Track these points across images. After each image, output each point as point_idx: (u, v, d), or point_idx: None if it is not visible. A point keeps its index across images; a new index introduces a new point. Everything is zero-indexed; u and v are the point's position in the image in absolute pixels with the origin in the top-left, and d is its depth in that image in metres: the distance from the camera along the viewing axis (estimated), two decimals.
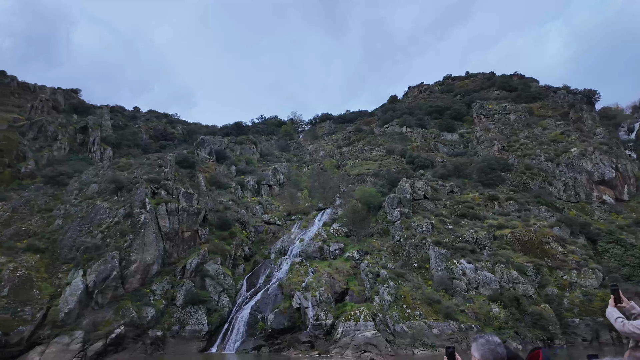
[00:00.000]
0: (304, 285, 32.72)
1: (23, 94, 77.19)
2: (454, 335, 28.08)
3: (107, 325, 28.46)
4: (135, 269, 31.92)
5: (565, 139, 65.17)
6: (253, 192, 56.21)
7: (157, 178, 39.36)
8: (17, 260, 30.80)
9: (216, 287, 34.35)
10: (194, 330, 31.13)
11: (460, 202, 47.26)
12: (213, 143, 64.31)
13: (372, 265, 35.51)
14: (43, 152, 65.49)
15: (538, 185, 55.93)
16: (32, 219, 36.35)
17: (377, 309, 30.37)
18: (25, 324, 26.93)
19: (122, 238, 32.99)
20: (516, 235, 40.49)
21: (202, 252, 35.91)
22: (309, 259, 37.62)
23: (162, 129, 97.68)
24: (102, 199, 37.28)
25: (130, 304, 30.26)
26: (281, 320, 30.56)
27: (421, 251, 36.77)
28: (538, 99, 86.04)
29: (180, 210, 37.12)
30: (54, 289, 29.97)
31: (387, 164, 65.56)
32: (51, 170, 43.45)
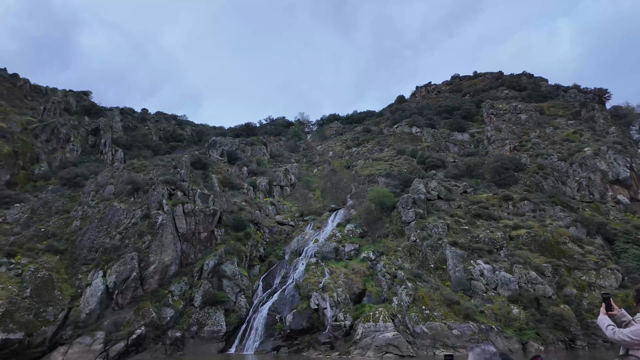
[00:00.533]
0: (321, 286, 32.69)
1: (36, 97, 77.98)
2: (474, 337, 27.92)
3: (127, 326, 28.63)
4: (153, 270, 32.08)
5: (578, 138, 64.62)
6: (265, 193, 56.31)
7: (173, 179, 39.55)
8: (38, 262, 31.07)
9: (233, 287, 34.43)
10: (213, 331, 31.22)
11: (475, 202, 47.00)
12: (224, 144, 64.54)
13: (388, 266, 35.41)
14: (56, 154, 66.18)
15: (551, 185, 55.48)
16: (50, 221, 36.67)
17: (395, 309, 30.27)
18: (47, 324, 27.16)
19: (141, 239, 33.16)
20: (532, 236, 40.17)
21: (219, 253, 36.02)
22: (325, 259, 37.58)
23: (171, 131, 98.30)
24: (119, 200, 37.51)
25: (150, 305, 30.42)
26: (299, 321, 30.54)
27: (437, 252, 36.62)
28: (548, 98, 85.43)
29: (197, 211, 37.27)
30: (74, 290, 30.20)
31: (397, 164, 65.41)
32: (67, 172, 43.82)
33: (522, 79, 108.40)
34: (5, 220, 36.02)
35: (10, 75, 75.81)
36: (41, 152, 64.77)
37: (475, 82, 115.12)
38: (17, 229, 35.12)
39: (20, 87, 75.53)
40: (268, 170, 61.87)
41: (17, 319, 26.17)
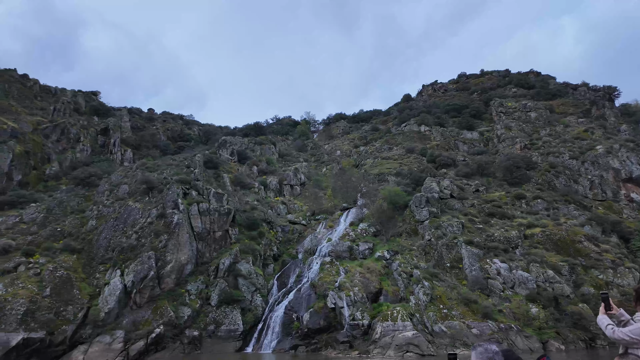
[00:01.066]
0: (337, 285, 32.65)
1: (45, 97, 78.38)
2: (494, 335, 27.77)
3: (146, 325, 28.70)
4: (170, 269, 32.14)
5: (589, 136, 64.14)
6: (275, 192, 56.31)
7: (187, 179, 39.61)
8: (56, 261, 31.20)
9: (249, 286, 34.44)
10: (230, 330, 31.24)
11: (488, 201, 46.79)
12: (234, 144, 64.59)
13: (404, 265, 35.31)
14: (66, 154, 66.49)
15: (563, 183, 55.12)
16: (66, 220, 36.83)
17: (413, 309, 30.18)
18: (67, 323, 27.27)
19: (157, 238, 33.23)
20: (547, 234, 39.93)
21: (234, 252, 36.04)
22: (339, 258, 37.52)
23: (179, 130, 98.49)
24: (134, 199, 37.61)
25: (168, 304, 30.48)
26: (317, 320, 30.51)
27: (453, 251, 36.46)
28: (558, 96, 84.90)
29: (212, 210, 37.31)
30: (92, 289, 30.31)
31: (407, 163, 65.22)
32: (81, 172, 44.00)
33: (530, 77, 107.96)
34: (21, 219, 36.22)
35: (21, 75, 76.25)
36: (52, 152, 65.09)
37: (483, 81, 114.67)
38: (33, 228, 35.30)
39: (30, 87, 75.96)
40: (278, 169, 61.88)
41: (38, 318, 26.31)
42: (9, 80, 70.76)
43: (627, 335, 4.02)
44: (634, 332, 3.98)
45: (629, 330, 4.04)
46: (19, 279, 28.67)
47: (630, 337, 4.00)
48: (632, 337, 3.99)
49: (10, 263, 30.25)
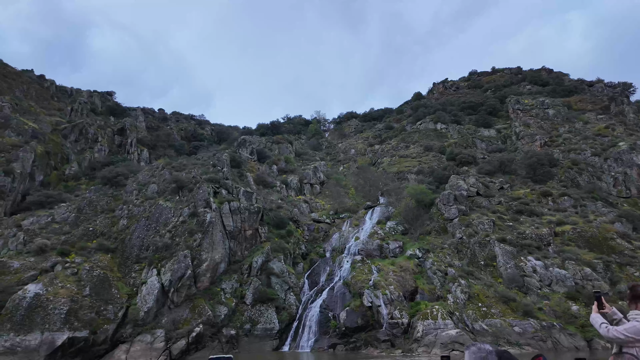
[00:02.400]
0: (371, 283, 32.43)
1: (62, 98, 78.69)
2: (537, 334, 27.48)
3: (186, 324, 28.63)
4: (206, 268, 32.06)
5: (611, 132, 63.55)
6: (296, 191, 56.16)
7: (216, 177, 39.52)
8: (92, 260, 31.17)
9: (282, 285, 34.31)
10: (266, 329, 31.12)
11: (514, 198, 46.41)
12: (253, 143, 64.49)
13: (437, 263, 35.05)
14: (85, 154, 66.66)
15: (587, 180, 54.59)
16: (97, 220, 36.83)
17: (452, 307, 29.92)
18: (108, 322, 27.24)
19: (191, 237, 33.15)
20: (578, 232, 39.53)
21: (266, 251, 35.92)
22: (369, 257, 37.34)
23: (192, 130, 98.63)
24: (164, 199, 37.55)
25: (205, 303, 30.39)
26: (354, 319, 30.33)
27: (486, 249, 36.15)
28: (574, 92, 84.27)
29: (242, 208, 37.20)
30: (129, 288, 30.28)
31: (426, 161, 64.91)
32: (108, 172, 44.03)
33: (542, 74, 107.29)
34: (53, 219, 36.26)
35: (38, 76, 76.58)
36: (70, 153, 65.28)
37: (495, 78, 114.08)
38: (66, 228, 35.32)
39: (47, 88, 76.25)
40: (297, 168, 61.74)
41: (81, 317, 26.27)
42: (27, 81, 71.04)
43: (623, 334, 4.01)
44: (630, 331, 3.96)
45: (624, 329, 4.02)
46: (58, 279, 28.66)
47: (625, 335, 3.98)
48: (628, 336, 3.97)
49: (47, 262, 30.26)
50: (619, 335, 4.07)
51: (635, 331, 3.95)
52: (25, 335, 24.63)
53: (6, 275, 28.48)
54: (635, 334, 3.95)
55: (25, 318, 25.34)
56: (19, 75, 70.31)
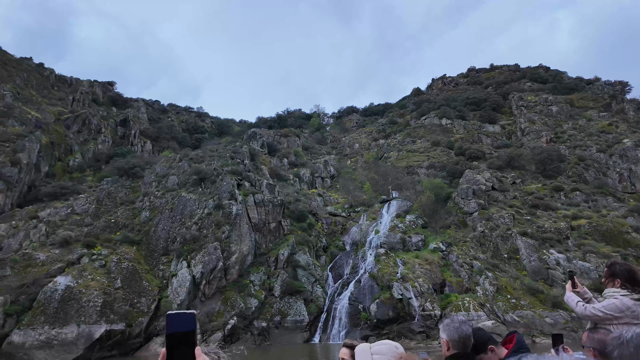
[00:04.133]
0: (399, 276, 32.59)
1: (62, 87, 76.60)
2: (568, 325, 28.05)
3: (219, 317, 28.37)
4: (235, 260, 31.77)
5: (614, 129, 64.86)
6: (308, 185, 55.97)
7: (238, 170, 39.09)
8: (118, 252, 30.58)
9: (309, 277, 34.23)
10: (296, 321, 31.04)
11: (528, 193, 47.12)
12: (264, 136, 63.91)
13: (462, 256, 35.40)
14: (88, 145, 65.28)
15: (593, 176, 55.73)
16: (117, 211, 36.09)
17: (482, 299, 30.29)
18: (142, 315, 26.80)
19: (219, 229, 32.75)
20: (594, 226, 40.35)
21: (291, 243, 35.76)
22: (392, 250, 37.47)
23: (192, 123, 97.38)
24: (187, 190, 36.97)
25: (236, 295, 30.14)
26: (385, 311, 30.48)
27: (508, 242, 36.67)
28: (575, 90, 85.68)
29: (266, 201, 36.89)
30: (159, 281, 29.82)
31: (435, 155, 65.32)
32: (125, 163, 43.09)
33: (540, 72, 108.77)
34: (73, 210, 35.40)
35: (37, 65, 74.33)
36: (74, 144, 63.82)
37: (493, 75, 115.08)
38: (87, 219, 34.54)
39: (47, 76, 74.11)
40: (308, 162, 61.48)
41: (116, 310, 25.79)
42: (27, 69, 68.90)
43: (601, 311, 4.05)
44: (608, 308, 4.00)
45: (603, 306, 4.06)
46: (86, 271, 28.04)
47: (604, 312, 4.03)
48: (607, 313, 4.01)
49: (73, 255, 29.58)
50: (597, 313, 4.11)
51: (614, 308, 3.99)
52: (60, 328, 24.06)
53: (33, 268, 27.74)
54: (613, 311, 3.99)
55: (59, 311, 24.75)
56: (18, 63, 68.15)
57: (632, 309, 3.96)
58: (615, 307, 3.98)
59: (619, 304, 3.99)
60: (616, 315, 3.97)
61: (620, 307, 3.97)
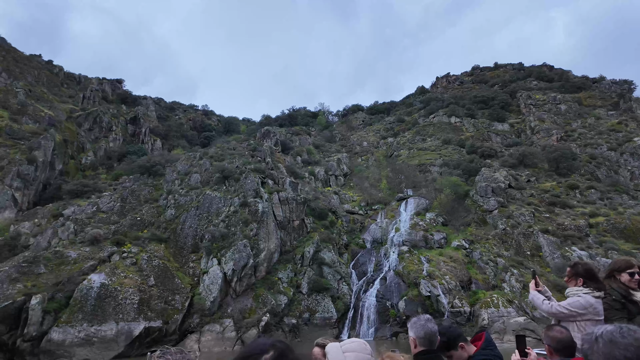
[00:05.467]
0: (425, 273, 32.86)
1: (71, 84, 76.28)
2: None
3: (252, 314, 28.54)
4: (263, 258, 31.93)
5: (624, 128, 65.40)
6: (323, 183, 56.13)
7: (261, 167, 39.18)
8: (147, 250, 30.67)
9: (334, 275, 34.44)
10: (325, 318, 31.27)
11: (544, 190, 47.50)
12: (277, 134, 64.00)
13: (485, 253, 35.72)
14: (100, 143, 65.18)
15: (605, 174, 56.24)
16: (142, 209, 36.12)
17: (510, 295, 30.62)
18: (177, 312, 26.93)
19: (247, 227, 32.87)
20: (612, 223, 40.76)
21: (316, 241, 35.93)
22: (415, 247, 37.73)
23: (200, 121, 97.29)
24: (211, 188, 37.04)
25: (266, 292, 30.31)
26: (413, 308, 30.72)
27: (530, 239, 37.01)
28: (582, 89, 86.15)
29: (290, 199, 37.04)
30: (190, 278, 29.93)
31: (446, 154, 65.60)
32: (147, 161, 43.05)
33: (544, 70, 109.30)
34: (99, 208, 35.40)
35: (46, 62, 73.94)
36: (86, 141, 63.69)
37: (498, 73, 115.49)
38: (114, 217, 34.56)
39: (56, 74, 73.77)
40: (321, 160, 61.62)
41: (153, 307, 25.92)
42: (37, 66, 68.56)
43: (566, 309, 4.22)
44: (573, 305, 4.18)
45: (568, 304, 4.23)
46: (118, 268, 28.11)
47: (569, 309, 4.19)
48: (572, 310, 4.18)
49: (103, 252, 29.63)
50: (562, 310, 4.26)
51: (578, 305, 4.16)
52: (99, 325, 24.16)
53: (66, 265, 27.79)
54: (578, 308, 4.15)
55: (96, 308, 24.84)
56: (29, 60, 67.78)
57: (594, 306, 4.16)
58: (580, 305, 4.17)
59: (583, 302, 4.18)
60: (580, 312, 4.16)
61: (584, 304, 4.16)
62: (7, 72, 57.52)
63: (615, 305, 4.27)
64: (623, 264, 4.59)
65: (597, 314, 4.17)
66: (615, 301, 4.29)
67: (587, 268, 4.55)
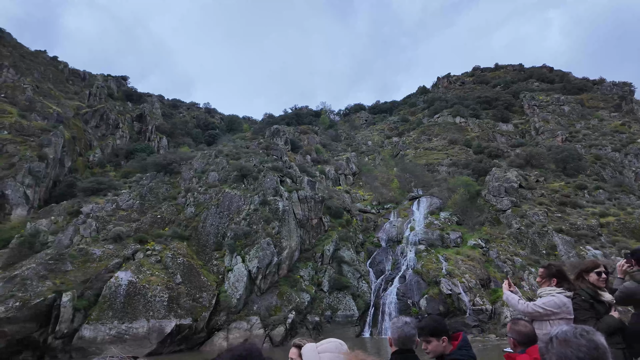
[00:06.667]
0: (445, 272, 33.25)
1: (75, 81, 75.57)
2: None
3: (278, 311, 28.70)
4: (286, 256, 32.09)
5: (627, 129, 66.47)
6: (333, 182, 56.33)
7: (278, 166, 39.28)
8: (171, 248, 30.67)
9: (354, 273, 34.72)
10: (346, 315, 31.53)
11: (554, 190, 48.16)
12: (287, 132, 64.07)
13: (502, 252, 36.20)
14: (107, 140, 64.79)
15: (610, 174, 57.14)
16: (162, 207, 36.06)
17: (530, 294, 31.06)
18: (205, 310, 26.99)
19: (268, 225, 32.99)
20: (622, 223, 41.48)
21: (335, 239, 36.16)
22: (432, 246, 38.12)
23: (204, 119, 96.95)
24: (230, 187, 37.08)
25: (290, 290, 30.49)
26: (435, 306, 31.10)
27: (545, 239, 37.57)
28: (583, 90, 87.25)
29: (308, 197, 37.20)
30: (215, 276, 30.00)
31: (453, 153, 66.17)
32: (163, 159, 42.93)
33: (544, 72, 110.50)
34: (118, 206, 35.29)
35: (51, 58, 73.17)
36: (93, 139, 63.28)
37: (499, 74, 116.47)
38: (134, 215, 34.47)
39: (61, 70, 73.04)
40: (330, 158, 61.83)
41: (182, 305, 25.97)
42: (43, 62, 67.85)
43: (542, 308, 4.36)
44: (548, 304, 4.34)
45: (543, 303, 4.38)
46: (143, 266, 28.12)
47: (544, 308, 4.34)
48: (546, 309, 4.33)
49: (127, 250, 29.59)
50: (537, 309, 4.39)
51: (552, 304, 4.30)
52: (130, 323, 24.18)
53: (91, 263, 27.72)
54: (553, 307, 4.29)
55: (126, 306, 24.84)
56: (34, 56, 67.06)
57: (567, 305, 4.32)
58: (554, 304, 4.31)
59: (557, 301, 4.32)
60: (554, 311, 4.29)
61: (558, 304, 4.30)
62: (15, 68, 56.90)
63: (584, 306, 4.43)
64: (590, 265, 4.80)
65: (569, 312, 4.32)
66: (584, 301, 4.45)
67: (559, 269, 4.74)
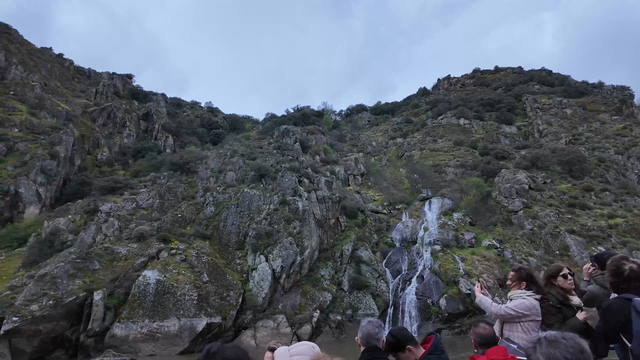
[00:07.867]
0: (462, 272, 33.80)
1: (81, 79, 75.14)
2: None
3: (302, 310, 29.00)
4: (307, 255, 32.40)
5: (629, 133, 67.71)
6: (343, 182, 56.70)
7: (296, 166, 39.56)
8: (194, 247, 30.84)
9: (372, 272, 35.13)
10: (367, 315, 31.87)
11: (562, 192, 49.01)
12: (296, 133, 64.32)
13: (517, 253, 36.85)
14: (114, 138, 64.63)
15: (614, 177, 58.23)
16: (181, 206, 36.18)
17: None
18: (232, 308, 27.23)
19: (289, 224, 33.28)
20: (630, 224, 42.38)
21: (353, 239, 36.55)
22: (447, 247, 38.65)
23: (207, 118, 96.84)
24: (248, 186, 37.28)
25: (313, 289, 30.80)
26: (455, 305, 31.63)
27: (557, 239, 38.30)
28: (584, 94, 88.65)
29: (326, 198, 37.54)
30: (239, 275, 30.23)
31: (459, 155, 66.90)
32: (179, 158, 42.99)
33: (544, 75, 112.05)
34: (138, 205, 35.34)
35: (57, 55, 72.66)
36: (100, 137, 63.08)
37: (499, 77, 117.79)
38: (155, 214, 34.55)
39: (67, 67, 72.58)
40: (339, 159, 62.20)
41: (212, 304, 26.18)
42: (49, 60, 67.37)
43: (513, 310, 4.52)
44: (520, 307, 4.52)
45: (515, 305, 4.55)
46: (169, 265, 28.27)
47: (516, 311, 4.51)
48: (518, 311, 4.50)
49: (151, 249, 29.72)
50: (509, 312, 4.54)
51: (524, 307, 4.49)
52: (161, 321, 24.35)
53: (118, 262, 27.83)
54: (524, 309, 4.47)
55: (156, 304, 25.00)
56: (41, 53, 66.58)
57: (537, 307, 4.50)
58: (525, 306, 4.50)
59: (528, 303, 4.50)
60: (525, 313, 4.46)
61: (529, 306, 4.49)
62: (23, 65, 56.52)
63: (551, 310, 4.57)
64: (555, 269, 4.97)
65: (538, 314, 4.48)
66: (551, 306, 4.59)
67: (529, 273, 4.94)
